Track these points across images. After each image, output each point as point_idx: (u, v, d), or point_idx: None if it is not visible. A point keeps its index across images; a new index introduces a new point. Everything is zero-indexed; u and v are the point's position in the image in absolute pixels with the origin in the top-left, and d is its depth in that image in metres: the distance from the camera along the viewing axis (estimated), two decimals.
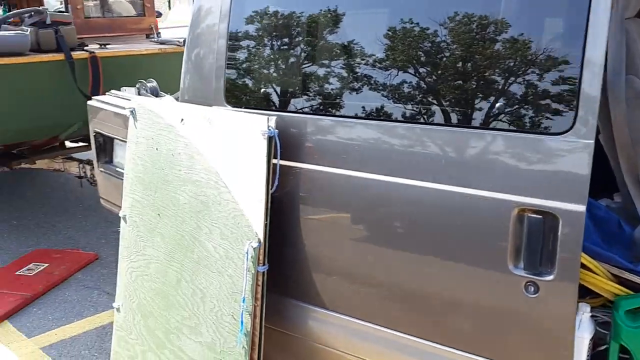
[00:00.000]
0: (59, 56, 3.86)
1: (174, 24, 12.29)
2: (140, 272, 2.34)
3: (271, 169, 1.84)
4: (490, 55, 1.50)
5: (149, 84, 4.00)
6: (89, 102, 3.13)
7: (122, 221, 2.48)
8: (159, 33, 5.67)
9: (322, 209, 1.85)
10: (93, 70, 4.02)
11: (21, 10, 4.11)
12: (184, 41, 4.69)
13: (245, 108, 2.04)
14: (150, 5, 5.53)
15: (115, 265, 4.07)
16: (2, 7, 7.34)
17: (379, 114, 1.70)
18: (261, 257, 1.86)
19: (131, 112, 2.42)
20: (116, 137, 2.99)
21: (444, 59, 1.59)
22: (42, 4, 7.35)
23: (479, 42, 1.52)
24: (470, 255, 1.53)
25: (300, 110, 1.90)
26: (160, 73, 4.38)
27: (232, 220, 1.94)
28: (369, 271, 1.76)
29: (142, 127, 2.38)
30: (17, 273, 3.74)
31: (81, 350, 2.96)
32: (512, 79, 1.48)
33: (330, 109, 1.82)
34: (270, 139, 1.82)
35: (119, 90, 4.19)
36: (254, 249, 1.84)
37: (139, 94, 4.04)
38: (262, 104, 2.02)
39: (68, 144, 5.17)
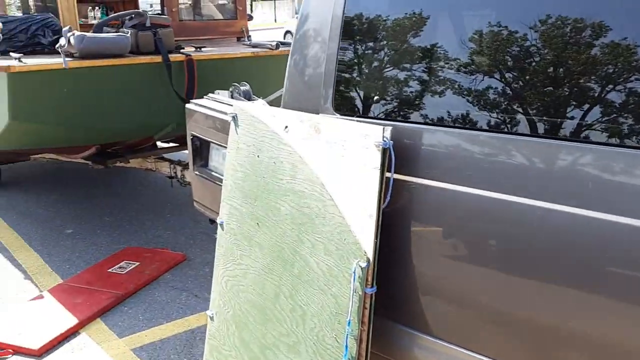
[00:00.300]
0: (157, 58, 3.92)
1: (255, 27, 12.49)
2: (236, 281, 2.28)
3: (384, 183, 1.71)
4: None
5: (242, 87, 3.99)
6: (187, 106, 3.13)
7: (219, 228, 2.43)
8: (250, 36, 5.70)
9: (438, 229, 1.70)
10: (189, 72, 4.05)
11: (122, 12, 4.23)
12: (277, 45, 4.67)
13: (356, 116, 1.92)
14: (242, 9, 5.56)
15: (202, 267, 4.11)
16: (100, 9, 7.67)
17: (519, 128, 1.52)
18: (369, 278, 1.72)
19: (233, 117, 2.37)
20: (213, 141, 2.97)
21: (608, 64, 1.39)
22: (137, 7, 7.64)
23: None
24: (621, 290, 1.32)
25: (418, 120, 1.75)
26: (253, 76, 4.37)
27: (337, 236, 1.82)
28: (490, 301, 1.58)
29: (243, 133, 2.31)
30: (109, 270, 3.82)
31: (170, 355, 2.96)
32: None
33: (455, 120, 1.66)
34: (384, 151, 1.69)
35: (213, 93, 4.22)
36: (362, 268, 1.72)
37: (232, 97, 4.04)
38: (375, 112, 1.89)
39: (160, 144, 5.29)
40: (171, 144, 5.26)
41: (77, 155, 4.60)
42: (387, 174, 1.71)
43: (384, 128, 1.69)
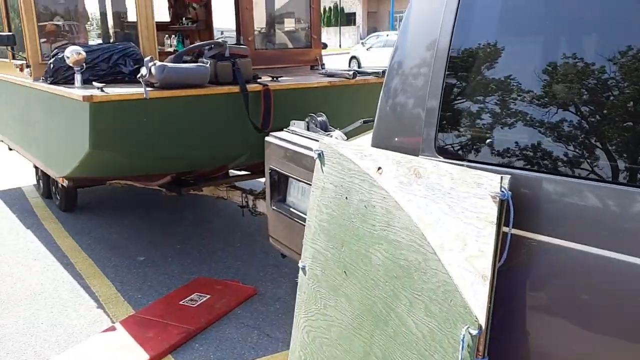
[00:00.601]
0: (235, 88, 3.87)
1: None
2: (319, 333, 2.10)
3: (500, 239, 1.50)
4: None
5: (318, 118, 3.87)
6: (266, 138, 3.03)
7: (300, 272, 2.27)
8: (324, 64, 5.61)
9: (563, 296, 1.47)
10: (265, 102, 3.98)
11: (202, 43, 4.23)
12: (354, 74, 4.54)
13: (465, 161, 1.72)
14: (317, 37, 5.49)
15: (273, 302, 3.97)
16: (176, 37, 7.85)
17: None
18: (481, 347, 1.51)
19: (318, 155, 2.22)
20: (292, 175, 2.84)
21: None
22: (212, 35, 7.76)
23: None
24: None
25: (542, 168, 1.53)
26: (329, 106, 4.26)
27: (441, 296, 1.62)
28: None
29: (330, 172, 2.16)
30: (180, 303, 3.74)
31: None
32: None
33: (588, 170, 1.44)
34: (502, 203, 1.48)
35: (289, 123, 4.13)
36: (473, 336, 1.50)
37: (308, 128, 3.92)
38: (488, 157, 1.68)
39: (232, 171, 5.26)
40: (243, 172, 5.22)
41: (152, 183, 4.61)
42: (504, 229, 1.50)
43: (502, 177, 1.48)
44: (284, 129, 3.10)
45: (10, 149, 6.54)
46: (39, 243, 5.13)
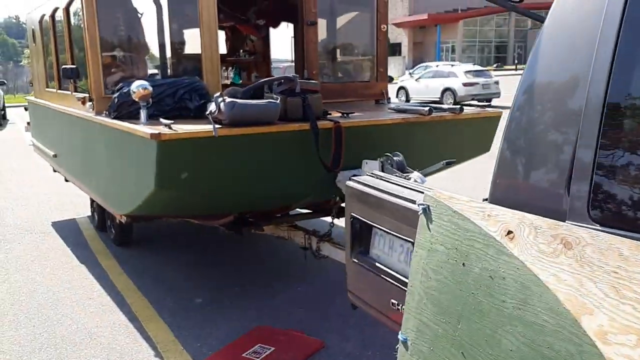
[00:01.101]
0: (305, 125, 3.65)
1: None
2: None
3: None
4: None
5: (395, 158, 3.59)
6: (348, 183, 2.76)
7: (400, 345, 1.97)
8: (389, 98, 5.36)
9: None
10: (336, 140, 3.74)
11: (273, 77, 4.03)
12: (429, 110, 4.26)
13: (634, 232, 1.40)
14: (383, 70, 5.26)
15: (343, 358, 3.66)
16: (233, 69, 7.77)
17: None
18: None
19: (424, 209, 1.93)
20: (378, 226, 2.56)
21: None
22: (269, 69, 7.65)
23: None
24: None
25: None
26: (403, 145, 3.98)
27: None
28: None
29: (440, 230, 1.86)
30: (243, 355, 3.47)
31: None
32: None
33: None
34: None
35: (360, 163, 3.86)
36: None
37: (383, 169, 3.65)
38: None
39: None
40: (305, 210, 4.97)
41: (213, 221, 4.40)
42: None
43: None
44: (367, 173, 2.83)
45: (67, 180, 6.51)
46: (94, 280, 4.98)
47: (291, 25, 7.03)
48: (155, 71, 6.10)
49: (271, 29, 7.21)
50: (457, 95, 20.69)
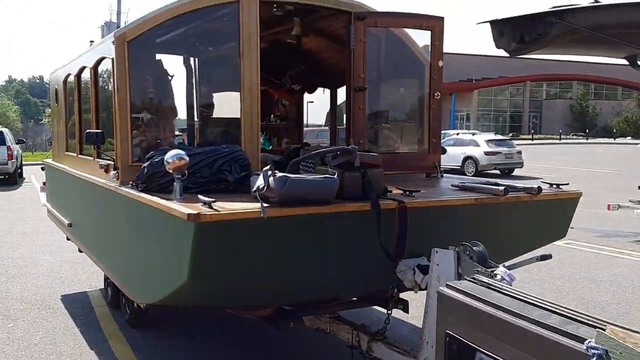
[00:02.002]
0: (365, 205, 3.10)
1: None
2: None
3: None
4: None
5: (475, 248, 3.02)
6: (440, 289, 2.18)
7: None
8: (442, 172, 4.83)
9: None
10: (400, 223, 3.18)
11: (328, 149, 3.52)
12: (505, 190, 3.70)
13: None
14: (436, 141, 4.76)
15: None
16: (263, 135, 7.31)
17: None
18: None
19: (598, 356, 1.34)
20: (487, 353, 1.95)
21: None
22: (301, 135, 7.21)
23: None
24: None
25: None
26: (473, 230, 3.42)
27: None
28: None
29: None
30: None
31: None
32: None
33: None
34: None
35: (426, 250, 3.28)
36: None
37: (459, 261, 3.06)
38: None
39: None
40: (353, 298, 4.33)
41: (248, 313, 3.79)
42: None
43: None
44: (465, 277, 2.25)
45: (81, 251, 5.97)
46: None
47: (327, 91, 6.66)
48: (183, 137, 5.67)
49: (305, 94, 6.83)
50: (479, 164, 20.29)
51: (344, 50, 5.48)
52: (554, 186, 3.93)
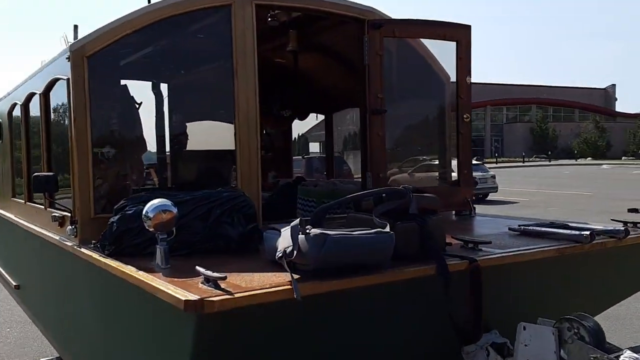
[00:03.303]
0: (427, 269, 2.23)
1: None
2: None
3: None
4: None
5: (585, 324, 2.18)
6: None
7: None
8: (474, 208, 4.01)
9: None
10: (474, 288, 2.32)
11: (373, 190, 2.61)
12: (591, 235, 2.76)
13: None
14: (467, 172, 3.96)
15: None
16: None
17: None
18: None
19: None
20: None
21: None
22: (291, 168, 6.33)
23: None
24: None
25: None
26: (553, 288, 2.61)
27: None
28: None
29: None
30: None
31: None
32: None
33: None
34: None
35: (509, 326, 2.43)
36: None
37: (561, 342, 2.22)
38: None
39: None
40: None
41: None
42: None
43: None
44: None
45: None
46: None
47: (321, 117, 5.84)
48: (153, 178, 4.71)
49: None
50: None
51: (345, 69, 4.70)
52: (630, 225, 3.15)
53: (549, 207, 16.06)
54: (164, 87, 4.90)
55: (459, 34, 3.90)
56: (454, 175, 4.08)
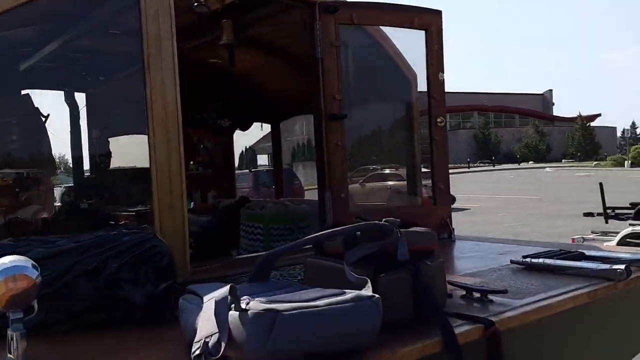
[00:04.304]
0: (431, 346, 1.49)
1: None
2: None
3: None
4: None
5: None
6: None
7: None
8: (453, 230, 3.32)
9: None
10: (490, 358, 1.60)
11: (342, 228, 1.79)
12: (626, 270, 2.04)
13: None
14: (443, 187, 3.27)
15: None
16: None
17: None
18: None
19: None
20: None
21: None
22: (233, 186, 5.51)
23: None
24: None
25: None
26: (586, 340, 1.94)
27: None
28: None
29: None
30: None
31: None
32: None
33: None
34: None
35: None
36: None
37: None
38: None
39: None
40: None
41: None
42: None
43: None
44: None
45: None
46: None
47: (266, 126, 5.07)
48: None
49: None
50: None
51: (292, 68, 3.97)
52: None
53: (500, 213, 15.80)
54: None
55: (429, 20, 3.23)
56: (425, 191, 3.40)
